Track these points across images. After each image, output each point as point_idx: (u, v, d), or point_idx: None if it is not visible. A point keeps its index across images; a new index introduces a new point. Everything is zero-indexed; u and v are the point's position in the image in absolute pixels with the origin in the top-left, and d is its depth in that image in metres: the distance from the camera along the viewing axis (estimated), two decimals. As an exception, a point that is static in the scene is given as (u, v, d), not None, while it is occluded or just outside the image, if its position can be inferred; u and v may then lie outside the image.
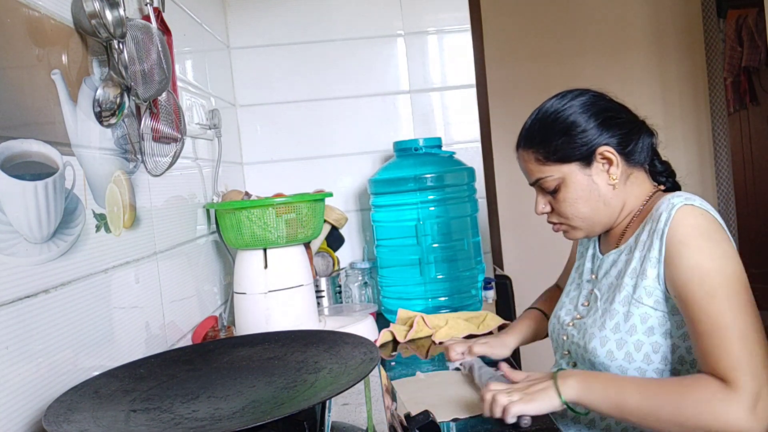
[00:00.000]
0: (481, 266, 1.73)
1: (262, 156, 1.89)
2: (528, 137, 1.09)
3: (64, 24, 0.85)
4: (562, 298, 1.21)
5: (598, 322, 1.04)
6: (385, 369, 1.09)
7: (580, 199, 1.06)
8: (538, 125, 1.08)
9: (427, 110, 1.91)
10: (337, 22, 1.88)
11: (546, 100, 1.10)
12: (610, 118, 1.05)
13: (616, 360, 1.00)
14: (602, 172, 1.05)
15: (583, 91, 1.08)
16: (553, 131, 1.05)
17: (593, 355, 1.03)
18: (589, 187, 1.05)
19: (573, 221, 1.08)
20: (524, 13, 3.30)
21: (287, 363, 0.77)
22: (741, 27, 3.42)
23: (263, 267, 1.30)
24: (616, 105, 1.09)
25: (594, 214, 1.07)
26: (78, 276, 0.82)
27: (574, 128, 1.04)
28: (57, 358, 0.76)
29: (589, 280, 1.15)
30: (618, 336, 1.01)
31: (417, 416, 0.79)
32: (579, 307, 1.14)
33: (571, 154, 1.04)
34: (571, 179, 1.05)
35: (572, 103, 1.06)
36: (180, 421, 0.62)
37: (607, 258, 1.11)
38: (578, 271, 1.20)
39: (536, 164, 1.08)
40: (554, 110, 1.07)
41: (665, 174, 1.12)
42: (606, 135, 1.04)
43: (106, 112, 0.91)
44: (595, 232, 1.12)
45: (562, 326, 1.15)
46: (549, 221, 1.13)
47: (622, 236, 1.10)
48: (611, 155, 1.04)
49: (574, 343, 1.10)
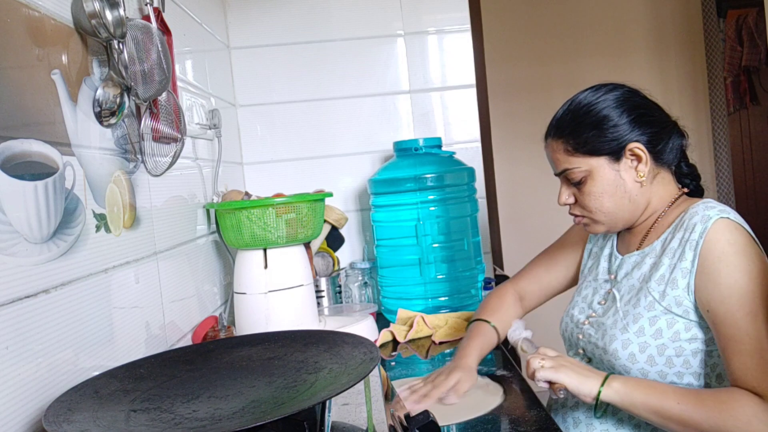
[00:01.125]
0: (481, 266, 1.73)
1: (262, 156, 1.89)
2: (558, 127, 1.08)
3: (64, 24, 0.85)
4: (575, 297, 1.20)
5: (619, 324, 1.04)
6: (385, 369, 1.09)
7: (606, 193, 1.05)
8: (570, 116, 1.07)
9: (427, 110, 1.91)
10: (337, 22, 1.88)
11: (579, 91, 1.09)
12: (642, 115, 1.05)
13: (638, 363, 1.01)
14: (630, 168, 1.05)
15: (618, 85, 1.08)
16: (584, 123, 1.05)
17: (614, 356, 1.03)
18: (616, 182, 1.05)
19: (596, 215, 1.08)
20: (524, 13, 3.30)
21: (287, 363, 0.77)
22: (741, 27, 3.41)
23: (263, 267, 1.30)
24: (650, 102, 1.09)
25: (617, 209, 1.06)
26: (78, 276, 0.82)
27: (606, 122, 1.04)
28: (57, 358, 0.76)
29: (607, 280, 1.14)
30: (642, 339, 1.00)
31: (417, 416, 0.79)
32: (594, 305, 1.13)
33: (601, 148, 1.04)
34: (598, 173, 1.05)
35: (606, 97, 1.05)
36: (180, 421, 0.62)
37: (629, 259, 1.10)
38: (592, 271, 1.19)
39: (564, 155, 1.07)
40: (587, 102, 1.06)
41: (690, 177, 1.11)
42: (637, 132, 1.04)
43: (106, 112, 0.91)
44: (616, 228, 1.11)
45: (576, 325, 1.14)
46: (571, 213, 1.12)
47: (645, 238, 1.09)
48: (641, 152, 1.03)
49: (591, 343, 1.10)
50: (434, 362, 1.33)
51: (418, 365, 1.30)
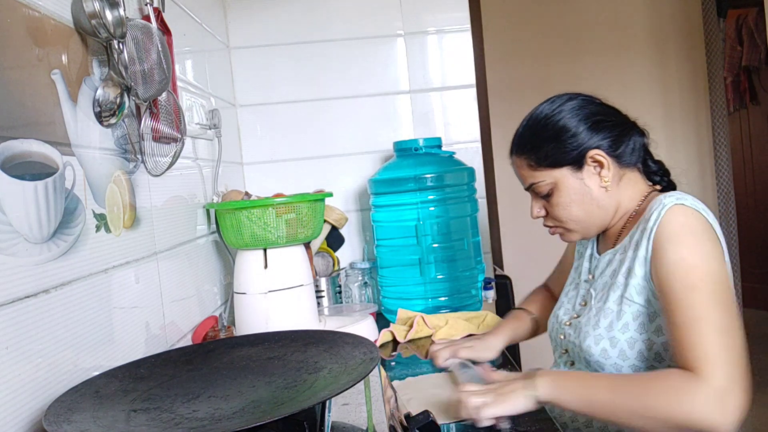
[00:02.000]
0: (481, 266, 1.73)
1: (262, 156, 1.89)
2: (520, 144, 1.10)
3: (64, 24, 0.85)
4: (561, 297, 1.21)
5: (592, 321, 1.05)
6: (385, 369, 1.09)
7: (573, 202, 1.07)
8: (529, 131, 1.09)
9: (427, 110, 1.91)
10: (337, 22, 1.88)
11: (537, 105, 1.11)
12: (599, 122, 1.06)
13: (611, 358, 1.01)
14: (594, 175, 1.06)
15: (573, 95, 1.09)
16: (543, 137, 1.06)
17: (588, 353, 1.04)
18: (582, 190, 1.06)
19: (567, 224, 1.09)
20: (524, 13, 3.30)
21: (287, 363, 0.77)
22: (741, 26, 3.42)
23: (263, 267, 1.30)
24: (606, 108, 1.09)
25: (588, 216, 1.08)
26: (78, 276, 0.82)
27: (564, 133, 1.05)
28: (57, 358, 0.76)
29: (587, 280, 1.15)
30: (611, 334, 1.01)
31: (417, 416, 0.79)
32: (576, 306, 1.14)
33: (562, 159, 1.05)
34: (563, 183, 1.06)
35: (562, 108, 1.07)
36: (180, 421, 0.62)
37: (603, 258, 1.11)
38: (577, 271, 1.21)
39: (529, 170, 1.09)
40: (544, 116, 1.08)
41: (659, 173, 1.12)
42: (596, 138, 1.05)
43: (106, 112, 0.91)
44: (590, 234, 1.12)
45: (560, 325, 1.16)
46: (545, 225, 1.14)
47: (618, 236, 1.10)
48: (602, 158, 1.04)
49: (570, 342, 1.11)
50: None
51: (418, 365, 1.30)
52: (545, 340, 1.29)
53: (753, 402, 0.87)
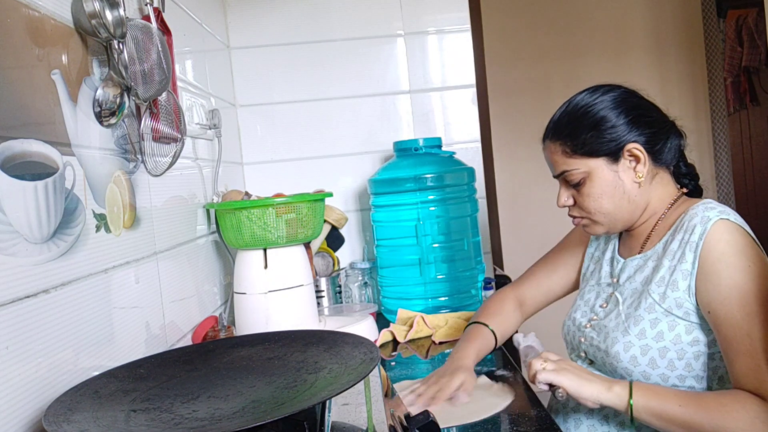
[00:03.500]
0: (481, 266, 1.73)
1: (262, 156, 1.89)
2: (556, 129, 1.08)
3: (64, 24, 0.85)
4: (577, 301, 1.20)
5: (621, 327, 1.04)
6: (385, 369, 1.09)
7: (605, 194, 1.05)
8: (567, 118, 1.07)
9: (427, 110, 1.91)
10: (337, 22, 1.88)
11: (576, 93, 1.09)
12: (640, 116, 1.05)
13: (640, 365, 1.00)
14: (629, 169, 1.05)
15: (615, 86, 1.08)
16: (582, 125, 1.05)
17: (616, 359, 1.03)
18: (615, 183, 1.05)
19: (595, 216, 1.08)
20: (524, 13, 3.30)
21: (287, 363, 0.77)
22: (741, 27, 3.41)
23: (263, 267, 1.30)
24: (647, 103, 1.08)
25: (617, 210, 1.06)
26: (78, 276, 0.82)
27: (604, 123, 1.03)
28: (57, 358, 0.76)
29: (610, 284, 1.14)
30: (643, 342, 1.00)
31: (417, 416, 0.79)
32: (596, 308, 1.13)
33: (599, 149, 1.04)
34: (596, 174, 1.05)
35: (603, 98, 1.05)
36: (180, 421, 0.62)
37: (631, 262, 1.10)
38: (594, 276, 1.19)
39: (563, 156, 1.07)
40: (585, 104, 1.06)
41: (689, 176, 1.11)
42: (635, 132, 1.03)
43: (106, 112, 0.91)
44: (615, 229, 1.10)
45: (579, 328, 1.14)
46: (570, 214, 1.12)
47: (647, 241, 1.09)
48: (639, 153, 1.03)
49: (593, 346, 1.09)
50: (434, 362, 1.33)
51: (418, 365, 1.30)
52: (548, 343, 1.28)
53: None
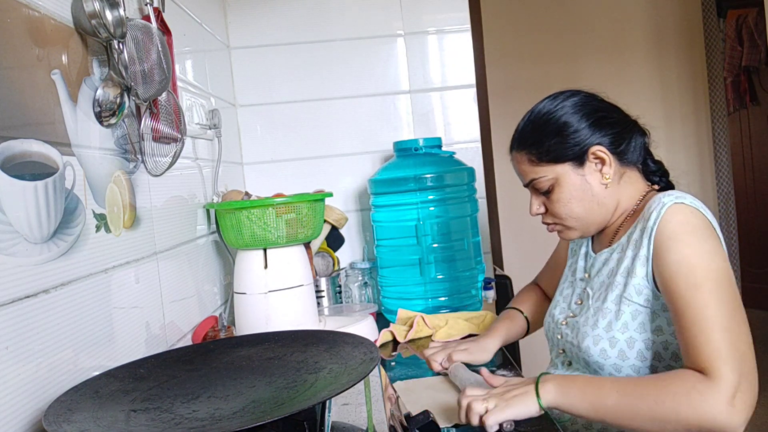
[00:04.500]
0: (481, 266, 1.73)
1: (262, 156, 1.89)
2: (521, 139, 1.10)
3: (64, 24, 0.85)
4: (556, 296, 1.21)
5: (590, 321, 1.05)
6: (385, 369, 1.09)
7: (574, 199, 1.06)
8: (531, 126, 1.09)
9: (427, 110, 1.91)
10: (337, 22, 1.88)
11: (538, 101, 1.11)
12: (602, 118, 1.06)
13: (610, 358, 1.01)
14: (595, 171, 1.06)
15: (575, 91, 1.09)
16: (545, 132, 1.06)
17: (587, 354, 1.03)
18: (582, 186, 1.06)
19: (567, 221, 1.09)
20: (524, 13, 3.30)
21: (287, 363, 0.77)
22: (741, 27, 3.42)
23: (263, 267, 1.30)
24: (608, 105, 1.10)
25: (588, 214, 1.07)
26: (78, 276, 0.82)
27: (566, 128, 1.05)
28: (57, 358, 0.76)
29: (582, 279, 1.15)
30: (610, 334, 1.01)
31: (417, 416, 0.79)
32: (572, 305, 1.14)
33: (564, 155, 1.05)
34: (564, 179, 1.06)
35: (564, 104, 1.07)
36: (180, 421, 0.62)
37: (600, 256, 1.11)
38: (571, 269, 1.20)
39: (529, 165, 1.09)
40: (546, 111, 1.08)
41: (658, 173, 1.12)
42: (598, 135, 1.05)
43: (106, 112, 0.91)
44: (589, 232, 1.12)
45: (557, 325, 1.16)
46: (544, 222, 1.14)
47: (615, 235, 1.10)
48: (604, 155, 1.04)
49: (568, 342, 1.11)
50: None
51: (418, 365, 1.30)
52: (544, 340, 1.29)
53: (757, 402, 0.87)
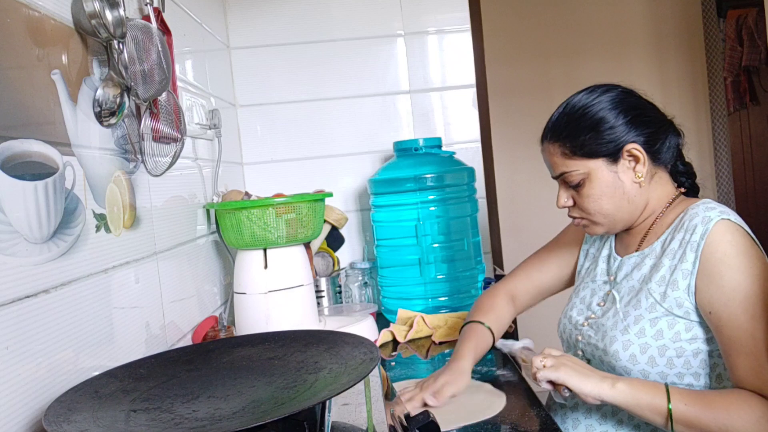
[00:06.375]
0: (481, 266, 1.73)
1: (262, 156, 1.89)
2: (555, 130, 1.08)
3: (64, 24, 0.85)
4: (572, 298, 1.20)
5: (620, 326, 1.04)
6: (385, 369, 1.09)
7: (605, 195, 1.05)
8: (566, 119, 1.06)
9: (427, 110, 1.91)
10: (337, 22, 1.88)
11: (574, 93, 1.09)
12: (638, 116, 1.04)
13: (639, 364, 1.00)
14: (628, 169, 1.04)
15: (613, 86, 1.07)
16: (580, 126, 1.04)
17: (615, 358, 1.03)
18: (614, 183, 1.04)
19: (595, 217, 1.07)
20: (524, 13, 3.30)
21: (287, 363, 0.77)
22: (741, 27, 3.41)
23: (263, 267, 1.30)
24: (645, 102, 1.08)
25: (617, 211, 1.06)
26: (78, 276, 0.82)
27: (603, 124, 1.03)
28: (57, 358, 0.76)
29: (606, 282, 1.14)
30: (642, 341, 1.00)
31: (417, 416, 0.79)
32: (593, 306, 1.13)
33: (598, 150, 1.03)
34: (596, 175, 1.04)
35: (601, 99, 1.05)
36: (180, 421, 0.62)
37: (628, 260, 1.10)
38: (590, 273, 1.19)
39: (562, 158, 1.06)
40: (582, 105, 1.06)
41: (686, 175, 1.11)
42: (634, 132, 1.03)
43: (106, 112, 0.91)
44: (615, 229, 1.10)
45: (575, 326, 1.14)
46: (570, 215, 1.12)
47: (644, 239, 1.09)
48: (639, 153, 1.03)
49: (590, 344, 1.09)
50: (434, 362, 1.33)
51: (418, 365, 1.30)
52: (544, 340, 1.28)
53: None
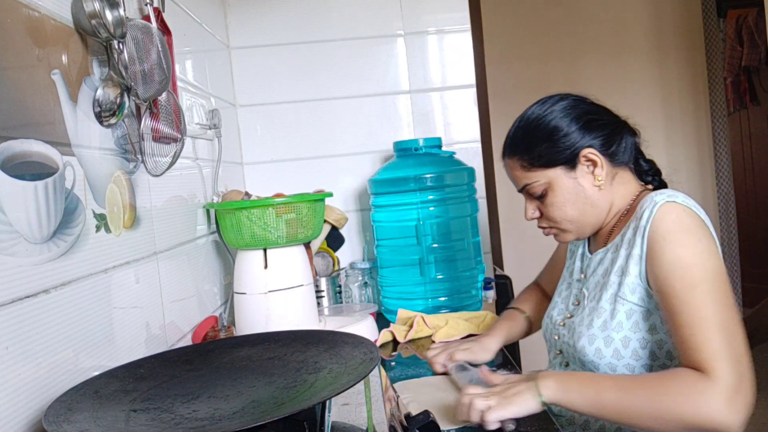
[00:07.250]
0: (481, 266, 1.73)
1: (262, 156, 1.89)
2: (512, 145, 1.11)
3: (64, 24, 0.85)
4: (555, 298, 1.21)
5: (585, 321, 1.05)
6: (385, 369, 1.09)
7: (568, 202, 1.07)
8: (521, 132, 1.10)
9: (427, 110, 1.91)
10: (337, 22, 1.88)
11: (528, 107, 1.11)
12: (591, 121, 1.06)
13: (605, 357, 1.01)
14: (587, 174, 1.06)
15: (564, 95, 1.10)
16: (536, 137, 1.07)
17: (582, 354, 1.04)
18: (576, 189, 1.06)
19: (562, 224, 1.10)
20: (524, 13, 3.30)
21: (287, 363, 0.77)
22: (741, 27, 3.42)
23: (263, 267, 1.30)
24: (597, 107, 1.10)
25: (582, 216, 1.08)
26: (78, 276, 0.82)
27: (557, 132, 1.05)
28: (57, 358, 0.76)
29: (579, 280, 1.15)
30: (605, 333, 1.01)
31: (417, 416, 0.79)
32: (570, 306, 1.15)
33: (556, 159, 1.06)
34: (557, 183, 1.06)
35: (553, 108, 1.07)
36: (180, 421, 0.62)
37: (595, 257, 1.12)
38: (569, 270, 1.21)
39: (522, 171, 1.09)
40: (536, 116, 1.08)
41: (651, 172, 1.12)
42: (588, 137, 1.05)
43: (106, 112, 0.91)
44: (585, 234, 1.12)
45: (555, 326, 1.16)
46: (539, 226, 1.14)
47: (610, 235, 1.11)
48: (595, 157, 1.05)
49: (565, 343, 1.11)
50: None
51: (418, 365, 1.30)
52: (541, 342, 1.29)
53: (756, 402, 0.87)
